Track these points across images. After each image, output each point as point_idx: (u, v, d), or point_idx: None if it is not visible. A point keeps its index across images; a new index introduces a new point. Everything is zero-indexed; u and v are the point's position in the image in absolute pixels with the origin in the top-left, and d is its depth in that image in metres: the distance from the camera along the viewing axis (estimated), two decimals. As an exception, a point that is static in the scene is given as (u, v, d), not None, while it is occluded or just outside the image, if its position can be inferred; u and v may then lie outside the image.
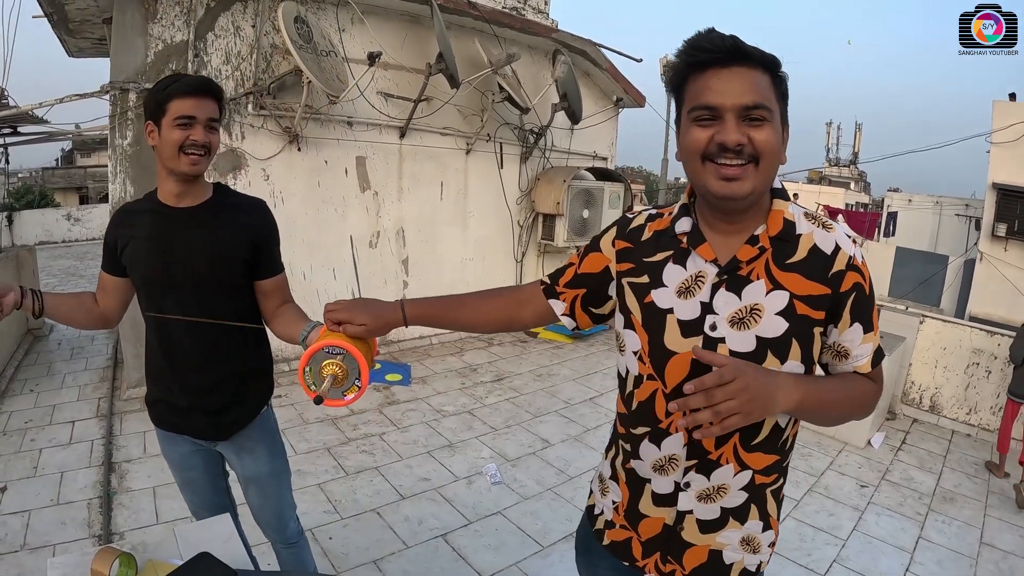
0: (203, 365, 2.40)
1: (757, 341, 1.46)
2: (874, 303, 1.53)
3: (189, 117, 2.16)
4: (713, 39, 1.39)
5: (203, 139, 2.19)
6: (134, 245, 2.31)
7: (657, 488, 1.63)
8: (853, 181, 46.78)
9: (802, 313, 1.46)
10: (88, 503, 4.29)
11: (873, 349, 1.53)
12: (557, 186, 8.83)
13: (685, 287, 1.54)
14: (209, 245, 2.30)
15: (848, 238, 1.51)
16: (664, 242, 1.62)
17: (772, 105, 1.39)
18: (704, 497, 1.58)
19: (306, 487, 4.67)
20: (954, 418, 7.17)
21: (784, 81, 1.45)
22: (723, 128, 1.38)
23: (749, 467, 1.55)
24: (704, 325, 1.50)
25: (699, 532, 1.60)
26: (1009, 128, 12.99)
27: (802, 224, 1.51)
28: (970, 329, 7.21)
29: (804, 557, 4.34)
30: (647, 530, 1.68)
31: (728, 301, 1.49)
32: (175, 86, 2.15)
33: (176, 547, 1.97)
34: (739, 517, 1.59)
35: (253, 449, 2.59)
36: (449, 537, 4.23)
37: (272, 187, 6.68)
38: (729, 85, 1.37)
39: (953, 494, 5.52)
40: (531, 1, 8.93)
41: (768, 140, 1.39)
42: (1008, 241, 13.60)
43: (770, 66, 1.41)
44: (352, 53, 6.92)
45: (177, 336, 2.35)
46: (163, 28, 5.89)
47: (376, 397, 6.45)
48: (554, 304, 1.84)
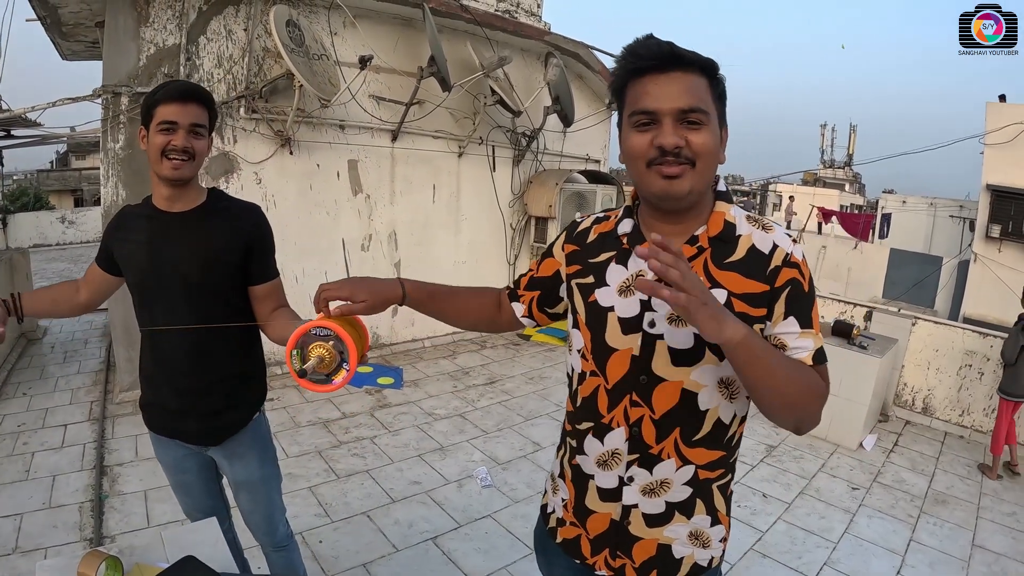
0: (194, 369, 2.39)
1: (695, 338, 1.50)
2: (813, 302, 1.53)
3: (171, 122, 2.17)
4: (650, 46, 1.43)
5: (183, 144, 2.19)
6: (128, 248, 2.34)
7: (601, 483, 1.66)
8: (848, 183, 46.82)
9: (740, 311, 1.47)
10: (80, 506, 4.28)
11: (815, 346, 1.51)
12: (549, 189, 8.83)
13: (626, 286, 1.59)
14: (201, 250, 2.29)
15: (788, 237, 1.54)
16: (608, 243, 1.67)
17: (709, 108, 1.43)
18: (648, 491, 1.61)
19: (297, 490, 4.67)
20: (947, 420, 7.18)
21: (721, 83, 1.49)
22: (661, 132, 1.42)
23: (691, 462, 1.58)
24: (643, 322, 1.55)
25: (645, 526, 1.63)
26: (1002, 130, 13.00)
27: (743, 226, 1.55)
28: (962, 331, 7.22)
29: (795, 560, 4.35)
30: (595, 526, 1.70)
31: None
32: (162, 92, 2.17)
33: (163, 551, 1.98)
34: (685, 511, 1.62)
35: (244, 455, 2.59)
36: (439, 540, 4.23)
37: (264, 191, 6.68)
38: (666, 90, 1.41)
39: (945, 496, 5.52)
40: (523, 4, 8.94)
41: (705, 143, 1.42)
42: (1002, 242, 13.62)
43: (707, 70, 1.45)
44: (344, 56, 6.92)
45: (168, 339, 2.35)
46: (155, 32, 5.88)
47: (368, 400, 6.45)
48: (516, 307, 1.95)
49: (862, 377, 6.33)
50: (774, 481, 5.47)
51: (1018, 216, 13.38)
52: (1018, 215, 13.38)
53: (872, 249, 21.32)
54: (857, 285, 19.53)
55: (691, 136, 1.41)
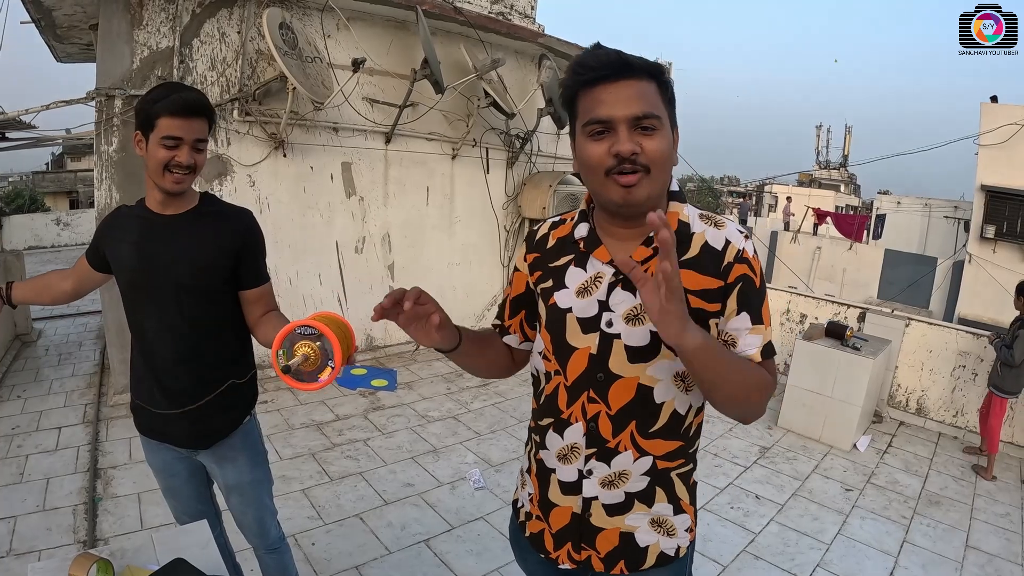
0: (185, 372, 2.38)
1: (651, 336, 1.53)
2: (764, 297, 1.58)
3: (176, 138, 2.16)
4: (600, 56, 1.46)
5: (188, 160, 2.20)
6: (120, 248, 2.34)
7: (562, 477, 1.70)
8: (843, 183, 46.91)
9: (696, 307, 1.52)
10: (74, 509, 4.28)
11: (763, 342, 1.57)
12: (543, 191, 8.81)
13: (584, 287, 1.62)
14: (191, 252, 2.30)
15: (740, 233, 1.58)
16: (566, 247, 1.70)
17: (661, 112, 1.47)
18: (607, 483, 1.64)
19: (290, 492, 4.67)
20: (940, 420, 7.20)
21: (670, 87, 1.53)
22: (617, 139, 1.44)
23: (649, 453, 1.62)
24: (601, 322, 1.58)
25: (606, 515, 1.66)
26: (997, 130, 13.02)
27: (696, 224, 1.59)
28: (956, 331, 7.23)
29: (787, 562, 4.35)
30: (557, 520, 1.73)
31: (624, 299, 1.56)
32: (165, 103, 2.14)
33: (154, 553, 1.98)
34: (645, 500, 1.65)
35: (235, 459, 2.59)
36: (432, 543, 4.23)
37: (258, 193, 6.67)
38: (619, 97, 1.44)
39: (939, 497, 5.54)
40: (517, 6, 8.94)
41: (659, 148, 1.45)
42: (996, 243, 13.64)
43: (655, 75, 1.49)
44: (337, 59, 6.91)
45: (159, 341, 2.36)
46: (149, 34, 5.88)
47: (361, 403, 6.45)
48: (509, 340, 1.91)
49: (855, 378, 6.34)
50: (767, 482, 5.47)
51: (1013, 217, 13.41)
52: (1013, 216, 13.41)
53: (867, 250, 21.39)
54: (852, 286, 19.58)
55: (645, 142, 1.44)
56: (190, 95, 2.20)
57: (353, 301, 7.64)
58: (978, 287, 13.81)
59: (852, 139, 53.73)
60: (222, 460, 2.57)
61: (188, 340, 2.35)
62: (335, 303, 7.48)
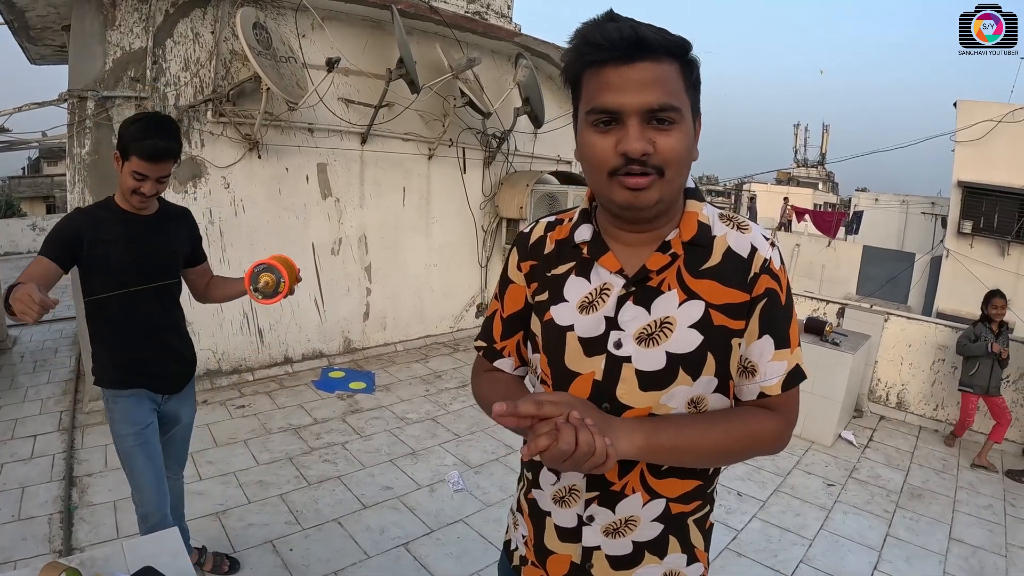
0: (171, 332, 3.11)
1: (667, 358, 1.32)
2: (791, 316, 1.38)
3: (142, 175, 2.66)
4: (608, 32, 1.20)
5: (151, 192, 2.73)
6: (109, 249, 2.76)
7: (559, 521, 1.48)
8: (821, 181, 47.38)
9: (719, 324, 1.32)
10: (49, 518, 4.21)
11: (787, 369, 1.36)
12: (520, 190, 8.79)
13: (588, 301, 1.40)
14: (170, 244, 2.99)
15: (766, 240, 1.38)
16: (566, 253, 1.47)
17: (681, 102, 1.23)
18: (612, 532, 1.42)
19: (268, 498, 4.61)
20: (921, 414, 7.23)
21: (695, 68, 1.28)
22: (626, 136, 1.21)
23: (661, 495, 1.40)
24: (608, 343, 1.36)
25: (611, 568, 1.44)
26: (973, 127, 13.15)
27: (717, 226, 1.38)
28: (935, 326, 7.27)
29: (770, 558, 4.33)
30: (555, 569, 1.51)
31: (636, 315, 1.34)
32: (140, 147, 2.61)
33: (124, 561, 1.98)
34: (656, 551, 1.43)
35: (188, 397, 3.31)
36: (411, 546, 4.18)
37: (232, 195, 6.59)
38: (631, 84, 1.20)
39: (921, 490, 5.54)
40: (494, 5, 8.90)
41: (676, 148, 1.23)
42: (974, 238, 13.82)
43: (679, 54, 1.24)
44: (312, 59, 6.84)
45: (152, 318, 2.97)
46: (122, 35, 5.79)
47: (340, 406, 6.38)
48: (502, 364, 1.63)
49: (835, 373, 6.34)
50: (749, 479, 5.45)
51: (989, 212, 13.58)
52: (989, 211, 13.58)
53: (845, 247, 21.60)
54: (831, 282, 19.72)
55: (660, 139, 1.21)
56: (162, 144, 2.66)
57: (330, 303, 7.59)
58: (956, 282, 13.96)
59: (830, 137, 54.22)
60: (183, 400, 3.27)
61: (172, 310, 3.10)
62: (312, 305, 7.42)
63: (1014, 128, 12.95)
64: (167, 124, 2.74)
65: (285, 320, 7.24)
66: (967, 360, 6.36)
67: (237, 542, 4.05)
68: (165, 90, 6.04)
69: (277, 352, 7.21)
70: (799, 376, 1.37)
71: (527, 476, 1.59)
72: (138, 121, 2.67)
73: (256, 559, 3.91)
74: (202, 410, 5.85)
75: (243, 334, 6.87)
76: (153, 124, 2.67)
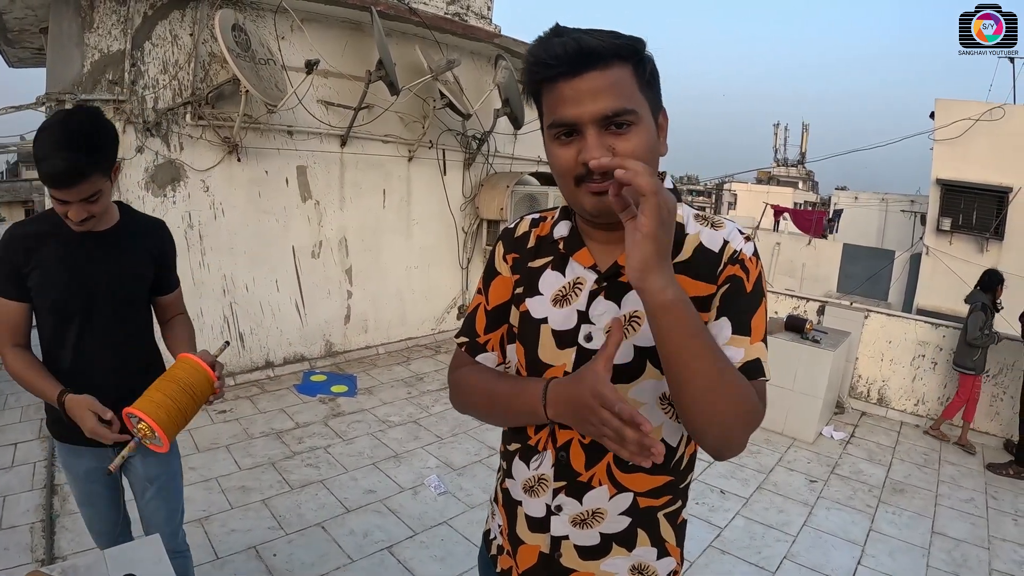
0: (119, 376, 2.42)
1: (635, 351, 1.34)
2: (756, 307, 1.34)
3: (62, 201, 2.12)
4: (553, 49, 1.22)
5: (79, 216, 2.16)
6: (44, 270, 2.27)
7: (529, 511, 1.50)
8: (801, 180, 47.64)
9: None
10: (31, 527, 4.16)
11: (745, 358, 1.30)
12: (500, 192, 8.79)
13: (561, 295, 1.43)
14: (122, 267, 2.38)
15: (740, 234, 1.38)
16: (545, 248, 1.51)
17: (637, 103, 1.24)
18: (579, 523, 1.43)
19: (250, 503, 4.57)
20: (902, 410, 7.28)
21: (647, 65, 1.28)
22: (585, 145, 1.23)
23: (628, 489, 1.41)
24: (579, 335, 1.39)
25: (579, 558, 1.45)
26: (951, 125, 13.25)
27: (691, 225, 1.40)
28: (915, 322, 7.33)
29: (754, 555, 4.34)
30: (524, 559, 1.53)
31: (606, 310, 1.37)
32: (40, 167, 2.05)
33: (106, 569, 1.94)
34: (625, 543, 1.44)
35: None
36: (395, 549, 4.16)
37: (212, 198, 6.55)
38: (583, 94, 1.22)
39: (903, 485, 5.58)
40: (473, 7, 8.91)
41: (636, 149, 1.23)
42: (952, 235, 13.93)
43: (628, 55, 1.24)
44: (291, 61, 6.81)
45: (95, 353, 2.38)
46: (99, 37, 5.73)
47: (322, 410, 6.35)
48: (484, 359, 1.61)
49: (816, 370, 6.37)
50: (731, 477, 5.47)
51: (968, 209, 13.70)
52: (968, 208, 13.70)
53: (825, 245, 21.74)
54: (812, 281, 19.84)
55: (619, 144, 1.23)
56: (63, 165, 2.04)
57: (311, 306, 7.55)
58: (936, 278, 14.06)
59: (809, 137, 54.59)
60: (146, 452, 2.47)
61: (123, 348, 2.45)
62: (292, 309, 7.38)
63: (991, 126, 13.06)
64: (80, 133, 2.07)
65: (266, 324, 7.19)
66: (971, 346, 6.44)
67: (220, 548, 4.01)
68: (143, 93, 5.97)
69: (258, 356, 7.17)
70: (758, 371, 1.31)
71: (503, 465, 1.62)
72: (44, 130, 2.05)
73: (239, 565, 3.88)
74: (183, 415, 5.81)
75: (224, 338, 6.80)
76: (59, 135, 2.04)
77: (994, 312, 6.46)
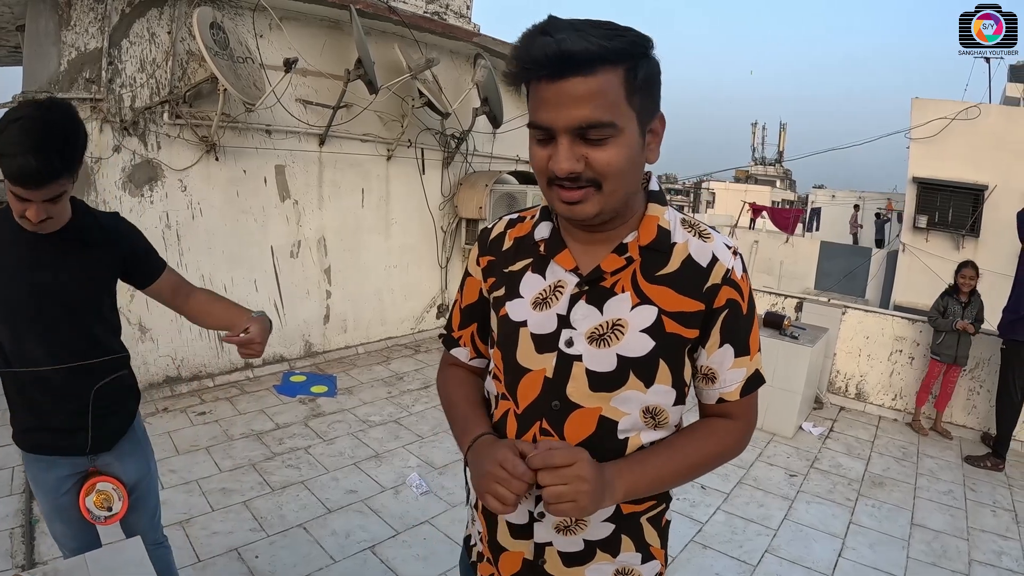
0: (81, 384, 2.33)
1: (619, 360, 1.34)
2: (753, 324, 1.41)
3: (23, 199, 1.99)
4: (533, 50, 1.16)
5: (38, 217, 2.03)
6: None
7: (511, 518, 1.47)
8: (779, 179, 47.95)
9: (672, 331, 1.34)
10: (10, 532, 4.09)
11: (746, 375, 1.41)
12: (479, 191, 8.79)
13: (541, 298, 1.41)
14: (80, 269, 2.23)
15: (728, 249, 1.38)
16: (524, 250, 1.49)
17: (618, 114, 1.19)
18: (563, 529, 1.43)
19: (231, 505, 4.54)
20: (880, 404, 7.34)
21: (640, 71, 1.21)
22: (555, 153, 1.22)
23: None
24: (559, 340, 1.38)
25: (563, 565, 1.45)
26: (927, 124, 13.36)
27: (678, 232, 1.38)
28: (891, 317, 7.40)
29: (736, 549, 4.37)
30: (507, 566, 1.52)
31: (587, 314, 1.36)
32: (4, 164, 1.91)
33: (87, 573, 1.94)
34: (609, 549, 1.45)
35: (134, 451, 2.58)
36: (377, 549, 4.15)
37: (190, 198, 6.49)
38: (560, 101, 1.18)
39: (882, 478, 5.63)
40: (452, 6, 8.89)
41: (611, 161, 1.21)
42: (929, 232, 14.04)
43: (618, 60, 1.17)
44: (270, 59, 6.77)
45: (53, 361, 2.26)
46: (77, 35, 5.67)
47: (302, 410, 6.32)
48: (458, 353, 1.70)
49: (795, 366, 6.40)
50: (712, 472, 5.46)
51: (944, 207, 13.81)
52: (943, 206, 13.81)
53: (803, 242, 21.91)
54: (790, 278, 19.95)
55: (594, 154, 1.20)
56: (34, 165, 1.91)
57: (290, 306, 7.51)
58: (912, 275, 14.17)
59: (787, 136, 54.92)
60: (124, 456, 2.53)
61: (84, 355, 2.30)
62: (272, 309, 7.32)
63: (967, 125, 13.17)
64: (50, 132, 1.94)
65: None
66: (936, 330, 6.63)
67: (202, 551, 3.98)
68: (121, 91, 5.91)
69: (237, 357, 7.09)
70: (758, 381, 1.45)
71: None
72: (13, 123, 1.90)
73: (221, 567, 3.85)
74: (163, 418, 5.78)
75: (202, 339, 6.75)
76: (28, 133, 1.90)
77: (959, 300, 6.58)
